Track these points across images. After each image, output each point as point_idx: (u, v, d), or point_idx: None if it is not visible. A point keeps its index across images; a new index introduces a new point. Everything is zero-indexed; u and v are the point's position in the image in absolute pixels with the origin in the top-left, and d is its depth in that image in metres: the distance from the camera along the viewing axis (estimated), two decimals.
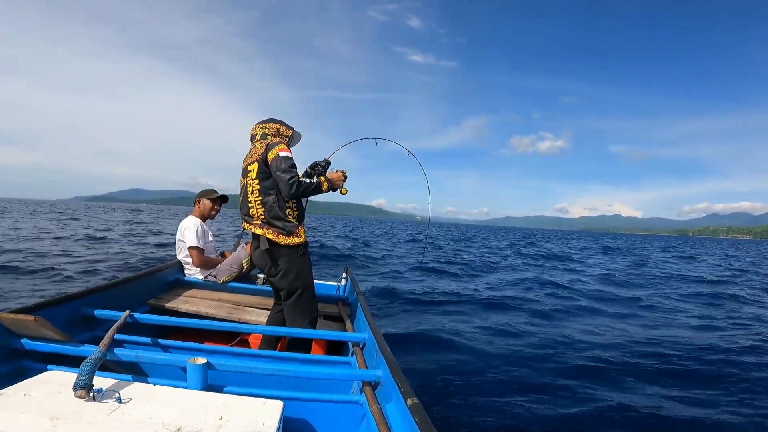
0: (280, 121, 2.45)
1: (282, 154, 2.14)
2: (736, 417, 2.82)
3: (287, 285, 2.26)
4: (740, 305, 7.24)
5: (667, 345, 4.35)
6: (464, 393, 2.96)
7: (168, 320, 2.22)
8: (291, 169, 2.13)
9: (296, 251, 2.25)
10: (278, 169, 2.12)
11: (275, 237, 2.19)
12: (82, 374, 1.26)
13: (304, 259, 2.29)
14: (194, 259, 3.22)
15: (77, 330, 2.12)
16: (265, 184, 2.20)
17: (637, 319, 5.69)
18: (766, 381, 3.47)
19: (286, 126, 2.45)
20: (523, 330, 4.75)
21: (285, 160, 2.13)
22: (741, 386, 3.36)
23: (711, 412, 2.88)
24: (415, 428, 1.14)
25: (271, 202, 2.19)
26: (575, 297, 7.17)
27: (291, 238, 2.21)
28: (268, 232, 2.20)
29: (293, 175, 2.11)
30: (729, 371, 3.66)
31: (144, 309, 2.71)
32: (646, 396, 3.10)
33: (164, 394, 1.33)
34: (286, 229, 2.20)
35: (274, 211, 2.19)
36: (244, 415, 1.25)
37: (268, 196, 2.20)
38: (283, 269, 2.24)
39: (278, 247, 2.22)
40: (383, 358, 1.67)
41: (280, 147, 2.17)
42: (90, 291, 2.27)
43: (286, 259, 2.24)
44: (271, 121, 2.42)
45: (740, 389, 3.30)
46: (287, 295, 2.29)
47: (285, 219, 2.21)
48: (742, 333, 5.04)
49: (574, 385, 3.21)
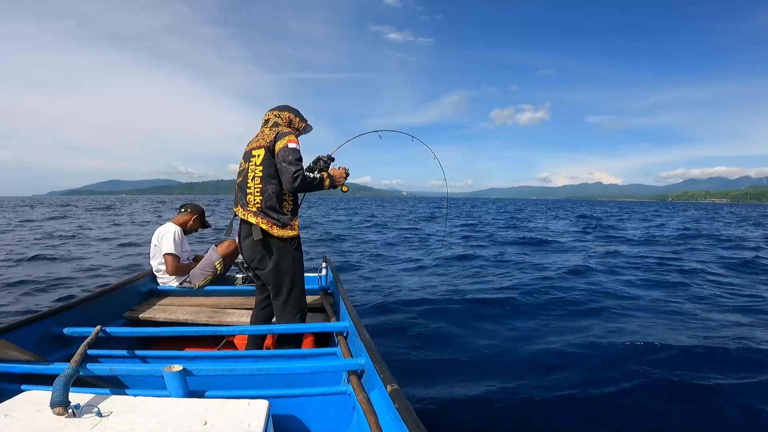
0: (295, 111, 2.41)
1: (291, 145, 2.13)
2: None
3: (277, 279, 2.21)
4: None
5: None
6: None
7: (145, 331, 2.18)
8: (297, 162, 2.11)
9: (289, 244, 2.21)
10: (284, 160, 2.10)
11: (269, 227, 2.15)
12: (56, 392, 1.25)
13: (296, 253, 2.26)
14: (168, 266, 3.16)
15: (50, 349, 2.06)
16: (269, 172, 2.16)
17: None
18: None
19: (300, 118, 2.43)
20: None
21: (293, 152, 2.11)
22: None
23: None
24: (396, 414, 1.17)
25: (270, 192, 2.16)
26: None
27: (285, 230, 2.17)
28: (262, 222, 2.15)
29: (298, 169, 2.09)
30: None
31: (119, 322, 2.65)
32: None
33: (144, 404, 1.32)
34: (280, 221, 2.17)
35: (271, 201, 2.15)
36: (228, 417, 1.26)
37: (269, 185, 2.16)
38: (274, 262, 2.19)
39: (271, 239, 2.18)
40: (364, 346, 1.69)
41: (290, 138, 2.15)
42: (59, 309, 2.21)
43: (278, 252, 2.19)
44: (285, 110, 2.39)
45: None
46: (276, 289, 2.24)
47: (280, 211, 2.18)
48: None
49: (557, 364, 3.36)
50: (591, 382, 2.91)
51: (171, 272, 3.18)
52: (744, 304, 5.10)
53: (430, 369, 3.19)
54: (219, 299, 3.08)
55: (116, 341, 2.13)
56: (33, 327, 2.01)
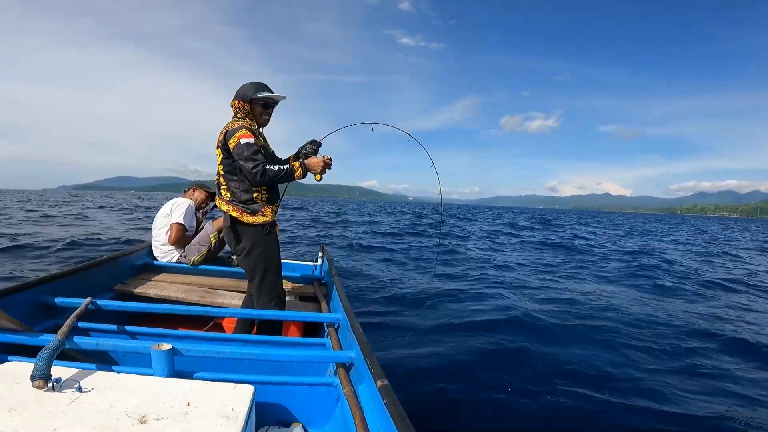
0: (241, 94, 2.19)
1: (243, 141, 2.05)
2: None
3: (250, 265, 2.23)
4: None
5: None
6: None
7: (134, 306, 2.16)
8: (254, 156, 2.06)
9: (260, 230, 2.20)
10: (240, 157, 2.06)
11: (239, 214, 2.16)
12: (39, 364, 1.22)
13: (269, 238, 2.24)
14: (173, 234, 3.16)
15: (38, 319, 2.04)
16: (228, 170, 2.17)
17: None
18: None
19: (243, 98, 2.18)
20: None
21: (247, 147, 2.05)
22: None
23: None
24: (384, 410, 1.15)
25: (233, 188, 2.18)
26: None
27: (255, 216, 2.17)
28: (232, 209, 2.17)
29: (257, 163, 2.05)
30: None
31: (110, 295, 2.62)
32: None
33: (128, 382, 1.29)
34: (249, 208, 2.17)
35: (237, 194, 2.17)
36: (212, 400, 1.23)
37: (232, 182, 2.18)
38: (247, 248, 2.20)
39: (241, 225, 2.19)
40: (356, 339, 1.67)
41: (240, 133, 2.07)
42: (50, 278, 2.18)
43: (249, 238, 2.20)
44: (234, 96, 2.23)
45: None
46: (250, 275, 2.26)
47: (251, 201, 2.17)
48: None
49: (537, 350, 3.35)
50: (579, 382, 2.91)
51: (173, 241, 3.17)
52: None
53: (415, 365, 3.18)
54: (212, 279, 3.06)
55: (105, 315, 2.11)
56: (23, 295, 1.99)
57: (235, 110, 2.23)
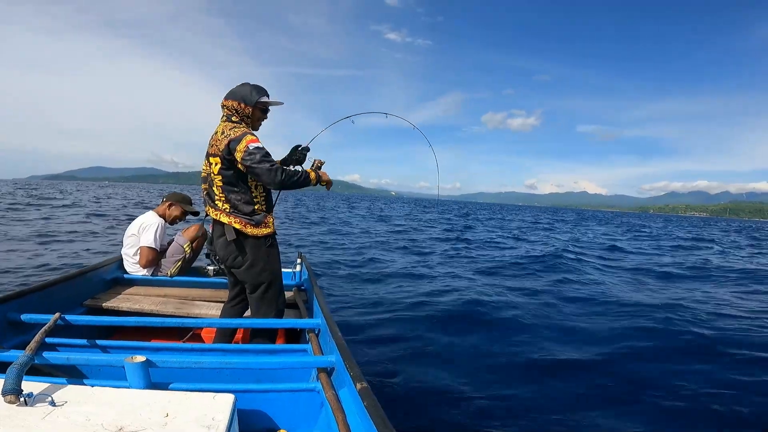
0: (242, 94, 2.09)
1: (252, 146, 1.95)
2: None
3: (253, 278, 2.16)
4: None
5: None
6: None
7: (106, 320, 2.11)
8: (266, 158, 1.97)
9: (263, 242, 2.15)
10: (254, 161, 1.94)
11: (242, 227, 2.08)
12: (9, 379, 1.19)
13: (272, 250, 2.20)
14: (143, 258, 3.06)
15: (6, 336, 1.97)
16: (228, 180, 2.06)
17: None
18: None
19: (246, 100, 2.09)
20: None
21: (258, 151, 1.95)
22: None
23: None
24: (364, 412, 1.17)
25: (234, 200, 2.08)
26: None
27: (259, 228, 2.11)
28: (235, 221, 2.08)
29: (272, 163, 1.97)
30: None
31: (80, 310, 2.54)
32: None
33: (103, 395, 1.27)
34: (253, 220, 2.10)
35: (239, 205, 2.08)
36: (191, 410, 1.22)
37: (232, 193, 2.08)
38: (250, 261, 2.13)
39: (245, 238, 2.11)
40: (335, 344, 1.69)
41: (248, 139, 1.96)
42: (15, 295, 2.10)
43: (253, 250, 2.13)
44: (230, 97, 2.10)
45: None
46: (253, 287, 2.19)
47: (253, 211, 2.10)
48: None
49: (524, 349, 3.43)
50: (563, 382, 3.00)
51: (145, 265, 3.08)
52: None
53: (398, 366, 3.21)
54: (187, 291, 3.00)
55: (76, 330, 2.05)
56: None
57: (231, 112, 2.11)
